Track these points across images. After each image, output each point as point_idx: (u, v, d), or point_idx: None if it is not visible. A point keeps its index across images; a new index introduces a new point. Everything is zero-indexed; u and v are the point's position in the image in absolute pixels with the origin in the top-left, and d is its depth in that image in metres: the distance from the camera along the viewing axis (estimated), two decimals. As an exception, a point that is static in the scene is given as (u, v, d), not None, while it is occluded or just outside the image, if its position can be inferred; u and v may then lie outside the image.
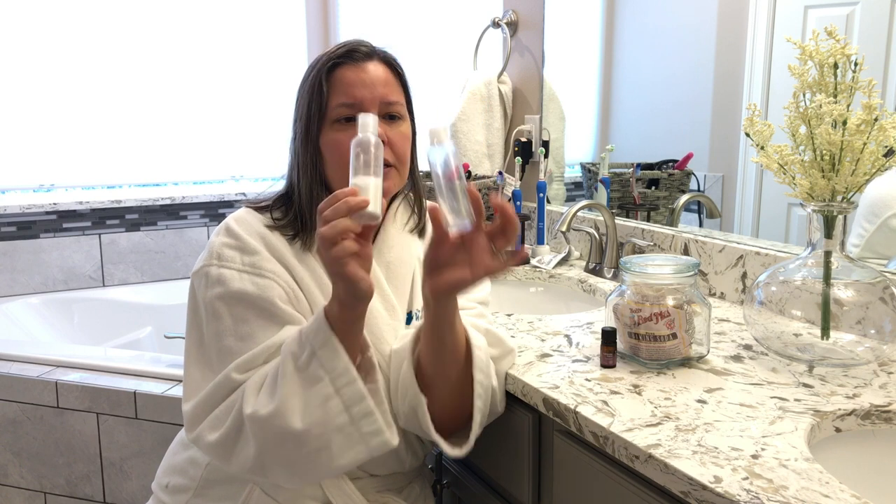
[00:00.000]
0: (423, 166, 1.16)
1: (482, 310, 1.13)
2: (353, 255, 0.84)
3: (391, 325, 1.07)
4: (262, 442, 0.91)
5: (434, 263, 0.92)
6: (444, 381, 0.99)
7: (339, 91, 1.03)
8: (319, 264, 1.04)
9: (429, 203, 0.95)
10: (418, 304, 1.13)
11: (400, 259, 1.12)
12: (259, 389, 0.93)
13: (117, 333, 2.65)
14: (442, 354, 0.97)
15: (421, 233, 1.17)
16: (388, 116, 1.05)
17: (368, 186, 0.86)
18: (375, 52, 1.07)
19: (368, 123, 0.89)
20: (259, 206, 1.08)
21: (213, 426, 0.96)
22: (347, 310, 0.89)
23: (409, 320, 1.12)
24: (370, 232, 0.87)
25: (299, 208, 1.06)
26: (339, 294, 0.88)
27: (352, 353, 0.91)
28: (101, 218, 2.77)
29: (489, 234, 0.89)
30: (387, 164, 1.03)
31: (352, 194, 0.84)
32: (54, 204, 2.68)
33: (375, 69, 1.04)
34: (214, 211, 2.95)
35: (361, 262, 0.86)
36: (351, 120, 1.02)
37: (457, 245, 0.90)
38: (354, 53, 1.04)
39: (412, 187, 1.16)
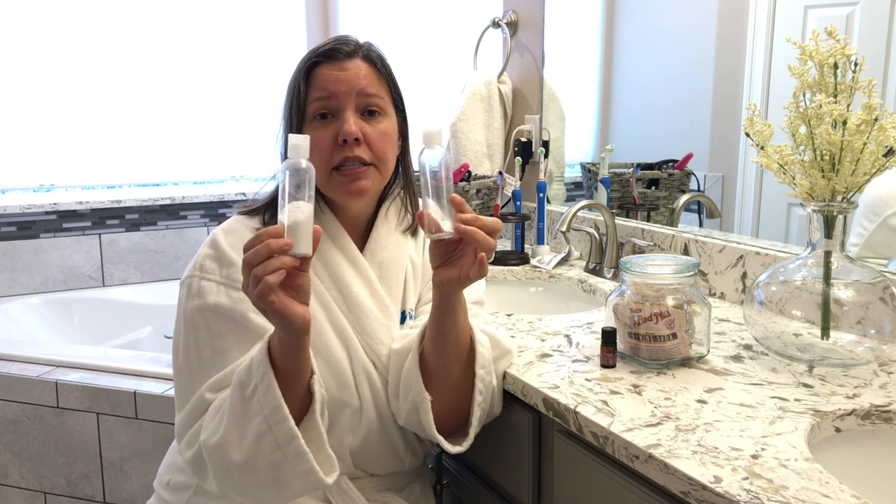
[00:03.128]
0: (416, 166, 1.16)
1: (476, 310, 1.13)
2: (278, 289, 0.79)
3: (385, 326, 1.07)
4: (213, 469, 0.92)
5: (436, 258, 0.94)
6: (445, 377, 0.99)
7: (315, 87, 1.03)
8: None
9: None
10: (411, 303, 1.14)
11: (392, 259, 1.12)
12: (215, 415, 0.93)
13: (117, 333, 2.64)
14: (444, 349, 0.98)
15: (414, 233, 1.17)
16: (368, 112, 1.03)
17: (298, 219, 0.80)
18: (359, 50, 1.05)
19: (299, 146, 0.82)
20: (250, 211, 1.08)
21: (188, 444, 0.97)
22: (284, 343, 0.86)
23: (402, 320, 1.12)
24: (307, 264, 0.83)
25: None
26: (275, 327, 0.85)
27: (297, 382, 0.89)
28: (101, 218, 2.77)
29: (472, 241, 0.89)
30: (365, 163, 1.02)
31: (276, 235, 0.79)
32: (54, 204, 2.67)
33: (356, 66, 1.03)
34: (214, 211, 2.95)
35: (295, 295, 0.82)
36: (326, 117, 1.02)
37: (449, 244, 0.92)
38: (336, 53, 1.03)
39: (405, 187, 1.15)
